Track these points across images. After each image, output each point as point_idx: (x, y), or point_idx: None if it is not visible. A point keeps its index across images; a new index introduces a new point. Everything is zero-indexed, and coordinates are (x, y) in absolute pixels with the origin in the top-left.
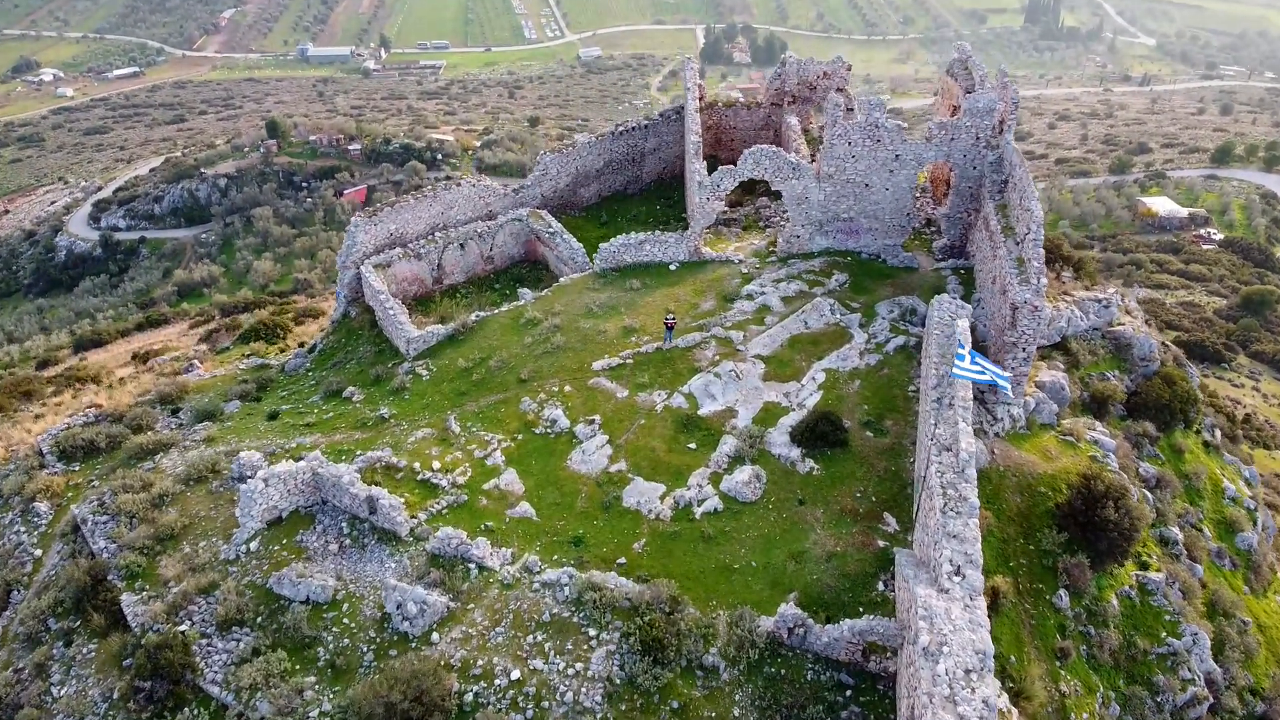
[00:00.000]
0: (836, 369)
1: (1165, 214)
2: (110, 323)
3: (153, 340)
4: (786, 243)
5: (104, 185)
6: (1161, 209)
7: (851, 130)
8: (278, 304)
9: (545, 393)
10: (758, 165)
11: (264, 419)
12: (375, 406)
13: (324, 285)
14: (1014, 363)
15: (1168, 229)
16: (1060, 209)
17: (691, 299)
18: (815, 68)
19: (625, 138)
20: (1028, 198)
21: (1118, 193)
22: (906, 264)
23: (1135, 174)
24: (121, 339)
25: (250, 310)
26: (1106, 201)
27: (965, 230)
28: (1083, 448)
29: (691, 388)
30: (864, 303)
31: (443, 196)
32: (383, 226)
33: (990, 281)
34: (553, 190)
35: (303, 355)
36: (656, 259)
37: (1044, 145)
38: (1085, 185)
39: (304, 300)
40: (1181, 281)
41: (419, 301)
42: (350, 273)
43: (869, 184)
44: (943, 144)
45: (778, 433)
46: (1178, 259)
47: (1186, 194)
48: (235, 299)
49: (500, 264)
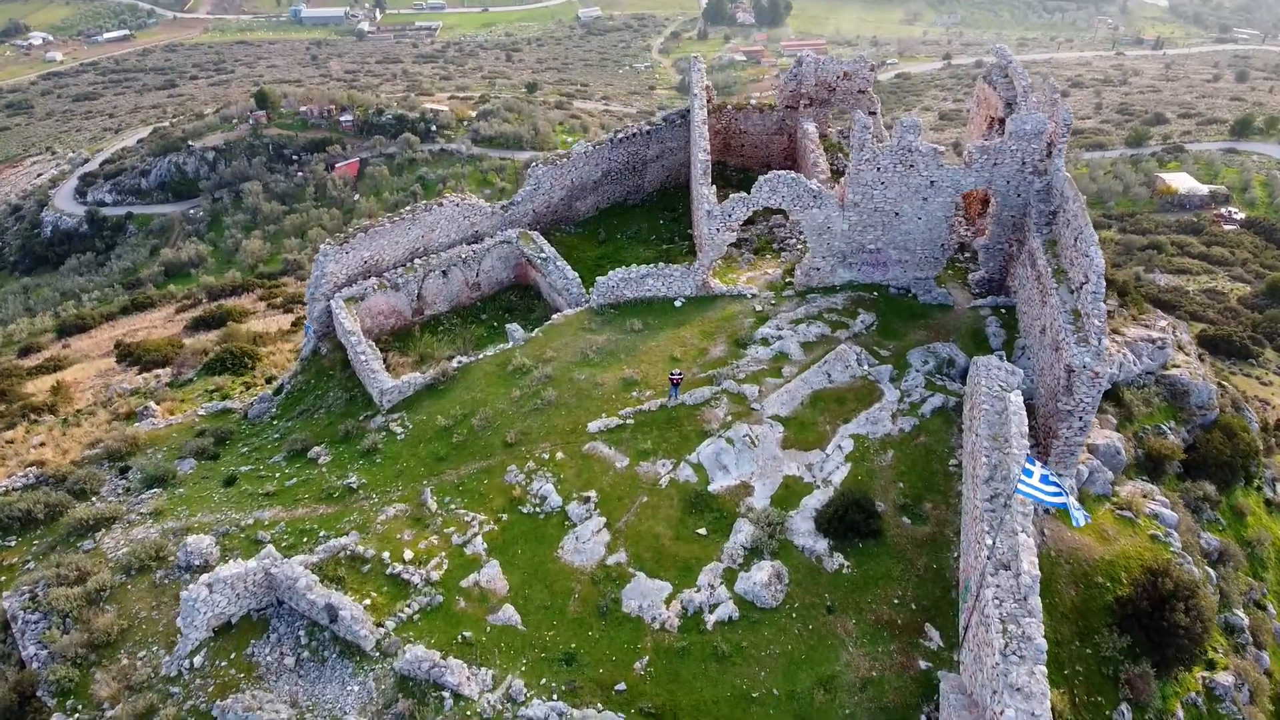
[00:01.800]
0: (866, 435)
1: (1185, 191)
2: (95, 305)
3: (137, 325)
4: (805, 275)
5: (91, 157)
6: (1181, 186)
7: (881, 155)
8: (266, 287)
9: (534, 460)
10: (774, 193)
11: (220, 484)
12: (343, 472)
13: None
14: (1068, 432)
15: (1187, 207)
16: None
17: (699, 343)
18: (835, 67)
19: (625, 145)
20: (1085, 240)
21: (1135, 167)
22: (940, 301)
23: (1152, 146)
24: (106, 323)
25: (238, 293)
26: (1124, 177)
27: (1006, 262)
28: (1142, 524)
29: (700, 456)
30: (894, 350)
31: (422, 218)
32: (355, 254)
33: (1039, 331)
34: (546, 205)
35: (268, 399)
36: (660, 294)
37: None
38: (1101, 159)
39: (293, 284)
40: (1203, 266)
41: (397, 336)
42: (320, 305)
43: (899, 212)
44: (984, 169)
45: (801, 517)
46: (1199, 240)
47: (1206, 169)
48: (222, 281)
49: (488, 290)
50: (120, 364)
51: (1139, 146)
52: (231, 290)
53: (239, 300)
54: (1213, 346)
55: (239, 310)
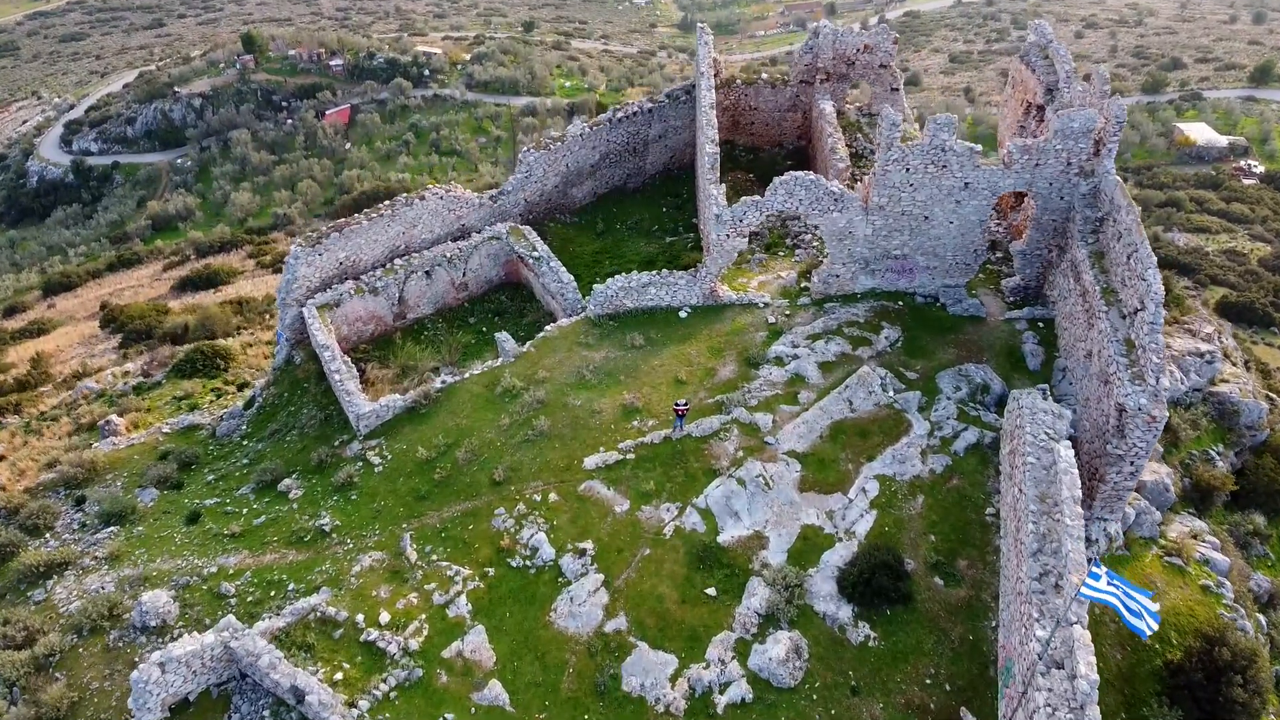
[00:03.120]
0: (893, 476)
1: (1203, 143)
2: (82, 262)
3: (123, 283)
4: (823, 283)
5: (77, 102)
6: (1199, 137)
7: (911, 154)
8: (255, 243)
9: (524, 502)
10: (790, 196)
11: (183, 522)
12: (316, 510)
13: (304, 220)
14: (1117, 477)
15: (1206, 159)
16: None
17: (706, 362)
18: (854, 39)
19: (625, 125)
20: (1141, 261)
21: (1152, 116)
22: (972, 313)
23: (1170, 94)
24: (92, 280)
25: (227, 250)
26: (1141, 127)
27: (1044, 269)
28: (1193, 573)
29: (709, 500)
30: (922, 372)
31: (403, 214)
32: (330, 255)
33: (1083, 355)
34: (539, 193)
35: (238, 415)
36: (663, 303)
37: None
38: None
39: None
40: (1223, 224)
41: (377, 343)
42: (292, 311)
43: (929, 216)
44: (1024, 170)
45: (821, 577)
46: (1217, 196)
47: (1224, 118)
48: (211, 237)
49: (476, 290)
50: (104, 329)
51: (1156, 93)
52: (220, 247)
53: (227, 258)
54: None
55: (227, 270)
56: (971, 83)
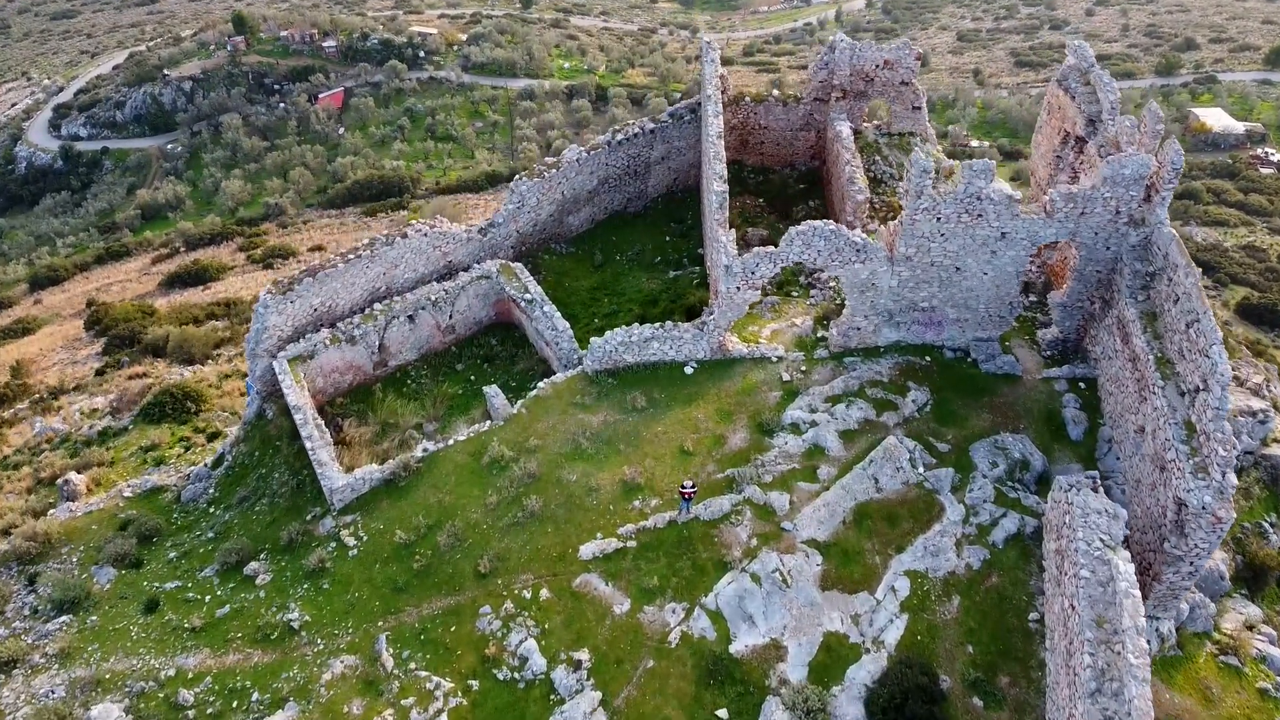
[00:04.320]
0: (925, 572)
1: (1220, 129)
2: (71, 253)
3: (111, 277)
4: (843, 336)
5: (66, 85)
6: (1215, 123)
7: (943, 203)
8: (246, 235)
9: (513, 599)
10: (808, 247)
11: (140, 609)
12: (285, 600)
13: (297, 210)
14: (1174, 577)
15: (1222, 146)
16: None
17: (715, 427)
18: (873, 54)
19: (625, 147)
20: (1204, 334)
21: (1166, 100)
22: (1006, 371)
23: (1184, 76)
24: (80, 274)
25: (217, 242)
26: None
27: (1085, 321)
28: (1249, 674)
29: (720, 600)
30: (954, 442)
31: (383, 255)
32: (303, 302)
33: (1133, 429)
34: (532, 224)
35: (205, 476)
36: (668, 358)
37: (1082, 36)
38: (1131, 91)
39: (275, 233)
40: (1241, 217)
41: (356, 394)
42: (262, 363)
43: (961, 267)
44: (1068, 219)
45: (846, 698)
46: (1234, 186)
47: (1240, 103)
48: (201, 228)
49: (464, 332)
50: (88, 331)
51: (1169, 75)
52: (210, 239)
53: (217, 251)
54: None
55: (216, 265)
56: (980, 63)
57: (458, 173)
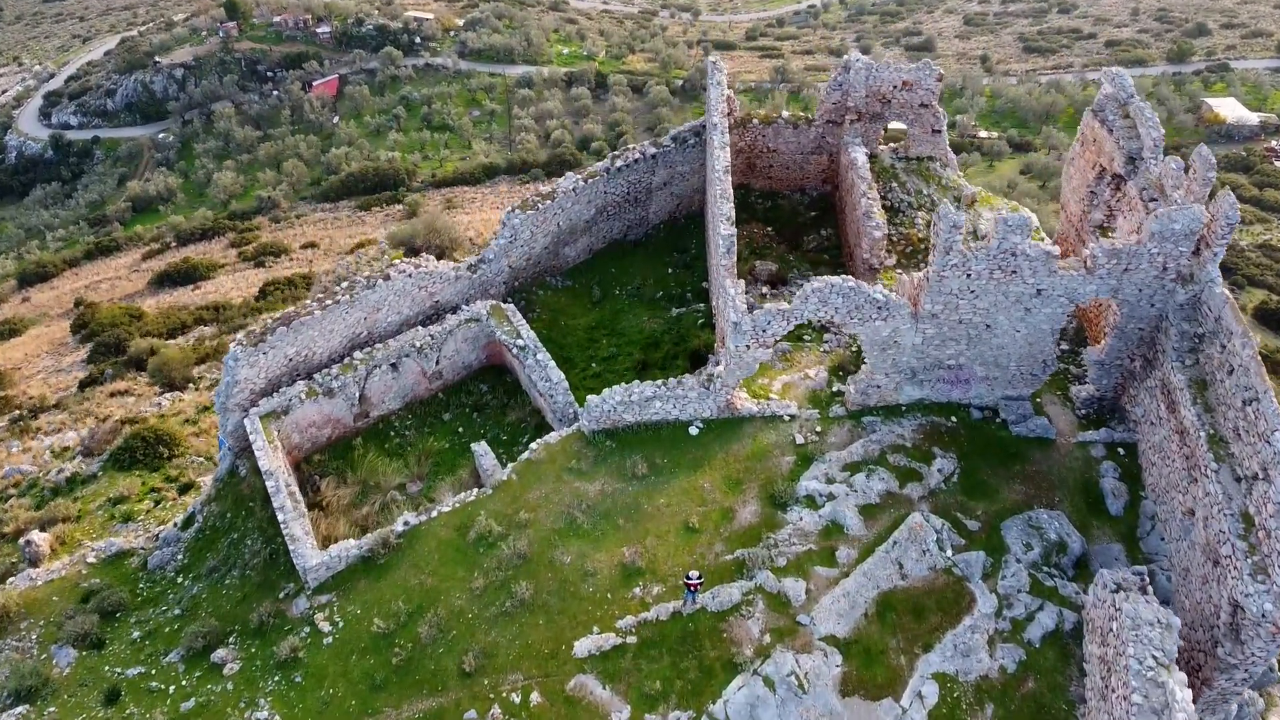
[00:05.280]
0: (955, 676)
1: (1233, 120)
2: (61, 247)
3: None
4: (861, 394)
5: (57, 71)
6: (1229, 114)
7: (975, 259)
8: (238, 230)
9: (500, 703)
10: (824, 305)
11: (101, 700)
12: (254, 695)
13: (290, 204)
14: (1226, 683)
15: (1236, 139)
16: None
17: (723, 499)
18: (892, 75)
19: (625, 174)
20: (1265, 416)
21: (1178, 89)
22: (1038, 434)
23: (1195, 63)
24: (69, 270)
25: (208, 237)
26: (1168, 103)
27: (1124, 380)
28: None
29: (730, 709)
30: (984, 519)
31: (364, 299)
32: (277, 353)
33: (1181, 511)
34: (525, 258)
35: (174, 539)
36: (671, 417)
37: (1091, 21)
38: (1143, 79)
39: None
40: (1256, 213)
41: (336, 448)
42: (234, 418)
43: (992, 324)
44: (1110, 275)
45: None
46: (1249, 180)
47: (1253, 92)
48: (193, 222)
49: (453, 377)
50: (75, 334)
51: (1181, 63)
52: (201, 234)
53: (208, 247)
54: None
55: (206, 264)
56: (988, 49)
57: (454, 164)
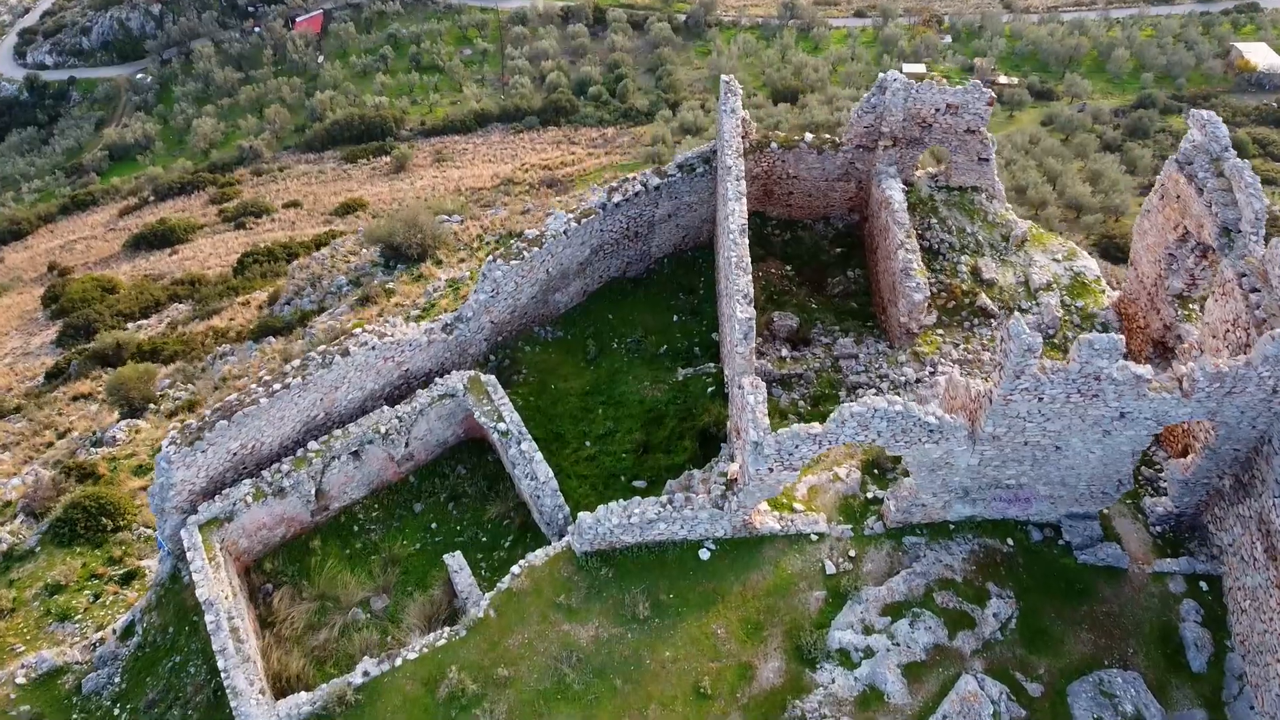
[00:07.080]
0: None
1: (1265, 68)
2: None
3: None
4: (903, 513)
5: (33, 5)
6: (1260, 60)
7: (1050, 383)
8: (218, 185)
9: None
10: (864, 429)
11: None
12: None
13: (273, 154)
14: None
15: (1267, 88)
16: (1144, 56)
17: (740, 651)
18: (934, 96)
19: (624, 209)
20: None
21: (1206, 32)
22: (1107, 564)
23: (1224, 2)
24: (45, 226)
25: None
26: (1196, 47)
27: (1208, 499)
28: None
29: None
30: (1048, 679)
31: (319, 380)
32: (218, 449)
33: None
34: (510, 310)
35: (111, 658)
36: (678, 537)
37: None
38: (1169, 22)
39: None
40: None
41: (291, 548)
42: (172, 520)
43: (1062, 446)
44: (1210, 399)
45: None
46: None
47: None
48: (171, 175)
49: (425, 457)
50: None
51: (1209, 0)
52: (180, 189)
53: (187, 202)
54: None
55: (184, 225)
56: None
57: (444, 109)
